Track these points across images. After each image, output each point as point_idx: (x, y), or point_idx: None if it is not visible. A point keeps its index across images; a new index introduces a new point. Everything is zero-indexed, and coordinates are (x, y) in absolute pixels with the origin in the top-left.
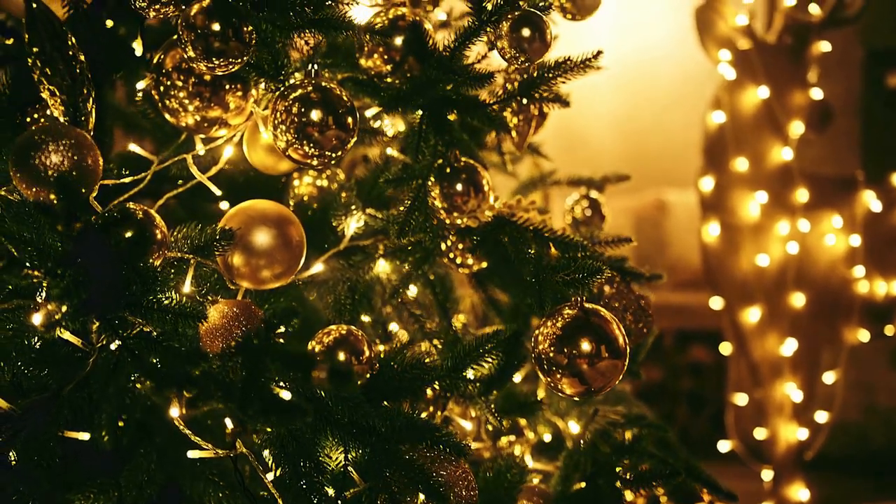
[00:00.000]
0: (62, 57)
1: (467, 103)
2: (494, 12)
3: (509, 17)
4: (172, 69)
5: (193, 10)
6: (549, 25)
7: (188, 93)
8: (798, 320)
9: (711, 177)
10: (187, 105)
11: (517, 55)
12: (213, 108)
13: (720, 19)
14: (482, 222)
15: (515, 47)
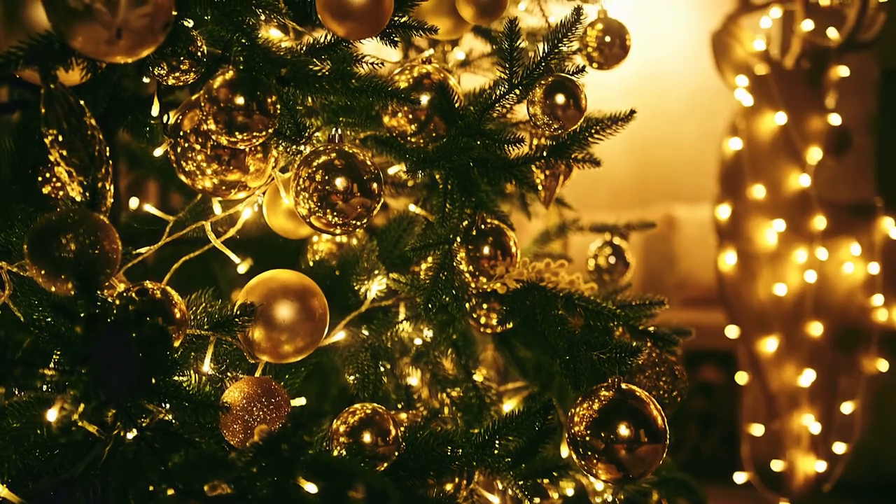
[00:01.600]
0: (80, 137)
1: (496, 164)
2: (526, 76)
3: (542, 84)
4: (190, 131)
5: (216, 83)
6: (583, 90)
7: (206, 156)
8: (816, 350)
9: (728, 204)
10: (205, 168)
11: (550, 122)
12: (233, 171)
13: (737, 44)
14: (510, 289)
15: (549, 114)
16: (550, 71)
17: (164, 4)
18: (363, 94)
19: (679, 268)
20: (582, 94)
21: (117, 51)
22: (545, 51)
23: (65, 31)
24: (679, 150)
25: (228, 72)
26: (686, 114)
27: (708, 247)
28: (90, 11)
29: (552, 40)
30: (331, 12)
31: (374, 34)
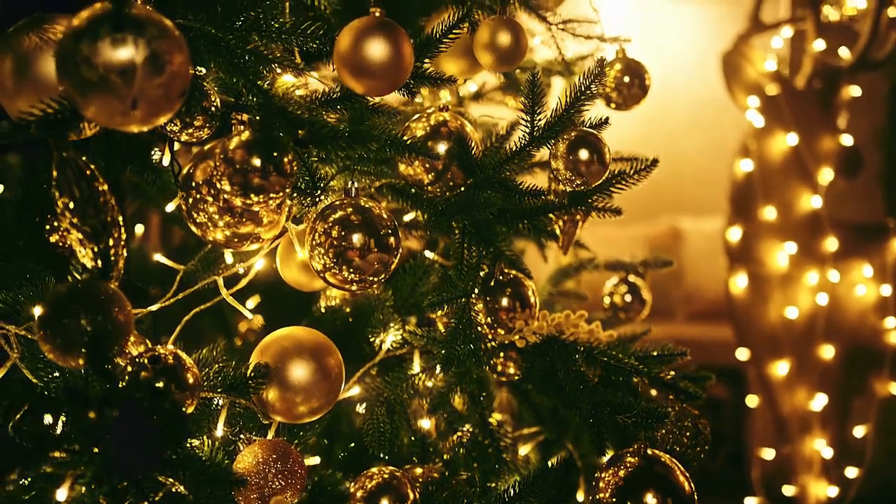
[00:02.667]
0: (92, 204)
1: (515, 214)
2: (548, 129)
3: (565, 138)
4: (203, 182)
5: (232, 144)
6: (606, 145)
7: (219, 208)
8: (827, 373)
9: (739, 226)
10: (217, 220)
11: (573, 178)
12: (245, 223)
13: (748, 64)
14: (529, 343)
15: (572, 170)
16: (573, 124)
17: (181, 72)
18: (381, 149)
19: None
20: (605, 149)
21: (132, 121)
22: (568, 102)
23: (77, 101)
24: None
25: (244, 132)
26: (692, 126)
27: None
28: (105, 82)
29: (575, 93)
30: (349, 70)
31: (393, 90)
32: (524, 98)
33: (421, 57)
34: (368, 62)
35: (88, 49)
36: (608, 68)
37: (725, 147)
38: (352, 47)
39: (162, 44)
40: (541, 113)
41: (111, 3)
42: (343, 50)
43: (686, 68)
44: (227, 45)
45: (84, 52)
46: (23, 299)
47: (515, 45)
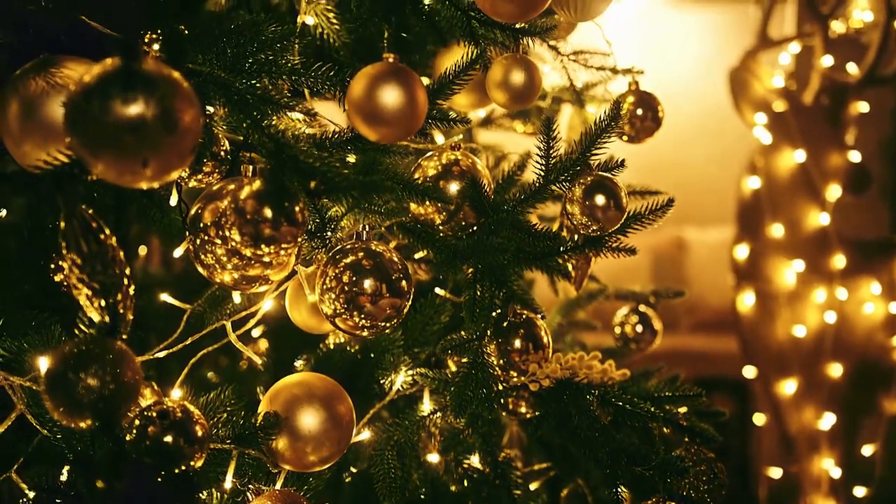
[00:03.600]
0: (100, 260)
1: (528, 255)
2: (564, 171)
3: (582, 183)
4: (211, 224)
5: (243, 194)
6: (622, 188)
7: (227, 250)
8: (835, 391)
9: (746, 244)
10: (225, 263)
11: (589, 223)
12: (254, 265)
13: (755, 81)
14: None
15: (588, 215)
16: (588, 167)
17: (193, 127)
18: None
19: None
20: (622, 194)
21: (142, 179)
22: (584, 145)
23: (86, 158)
24: (689, 172)
25: (255, 182)
26: (697, 135)
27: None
28: (115, 141)
29: (591, 136)
30: (362, 117)
31: (407, 137)
32: (538, 141)
33: (434, 99)
34: (382, 110)
35: (99, 107)
36: (621, 101)
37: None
38: (365, 94)
39: (173, 100)
40: (555, 156)
41: (121, 59)
42: (356, 97)
43: (691, 78)
44: (236, 91)
45: (94, 110)
46: (27, 347)
47: (529, 84)
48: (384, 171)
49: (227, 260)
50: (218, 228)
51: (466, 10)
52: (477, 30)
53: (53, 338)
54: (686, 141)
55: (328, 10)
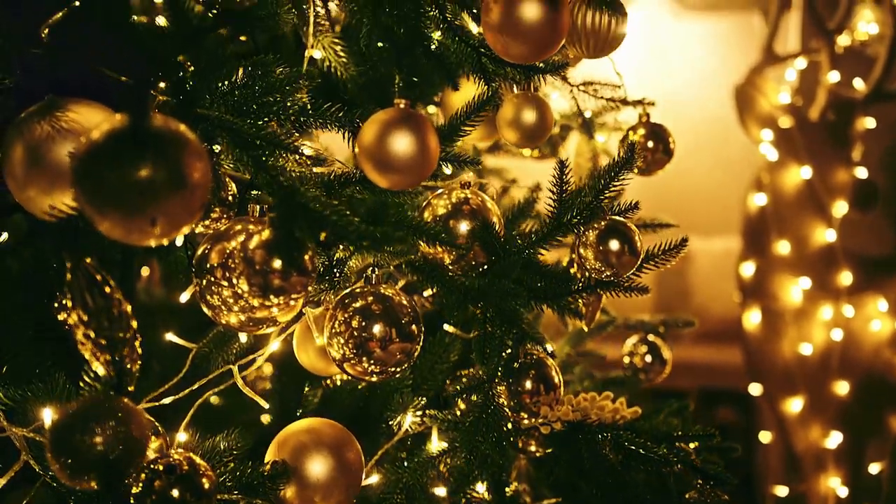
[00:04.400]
0: (106, 315)
1: (540, 296)
2: (578, 215)
3: (595, 227)
4: (218, 265)
5: (253, 244)
6: (637, 232)
7: (233, 292)
8: (842, 409)
9: (752, 261)
10: (232, 305)
11: (602, 269)
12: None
13: (761, 97)
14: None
15: (602, 260)
16: (602, 210)
17: (202, 184)
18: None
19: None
20: (636, 238)
21: (150, 237)
22: (597, 188)
23: (93, 217)
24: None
25: (264, 231)
26: (700, 145)
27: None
28: (123, 202)
29: (604, 179)
30: (373, 164)
31: (419, 183)
32: (551, 184)
33: (446, 141)
34: (393, 157)
35: (107, 167)
36: (631, 132)
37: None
38: (376, 141)
39: (182, 158)
40: (568, 200)
41: (130, 117)
42: (367, 143)
43: (695, 86)
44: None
45: (102, 170)
46: (31, 396)
47: (541, 123)
48: (394, 213)
49: (234, 302)
50: (224, 270)
51: (477, 46)
52: (487, 67)
53: (57, 387)
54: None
55: (335, 42)
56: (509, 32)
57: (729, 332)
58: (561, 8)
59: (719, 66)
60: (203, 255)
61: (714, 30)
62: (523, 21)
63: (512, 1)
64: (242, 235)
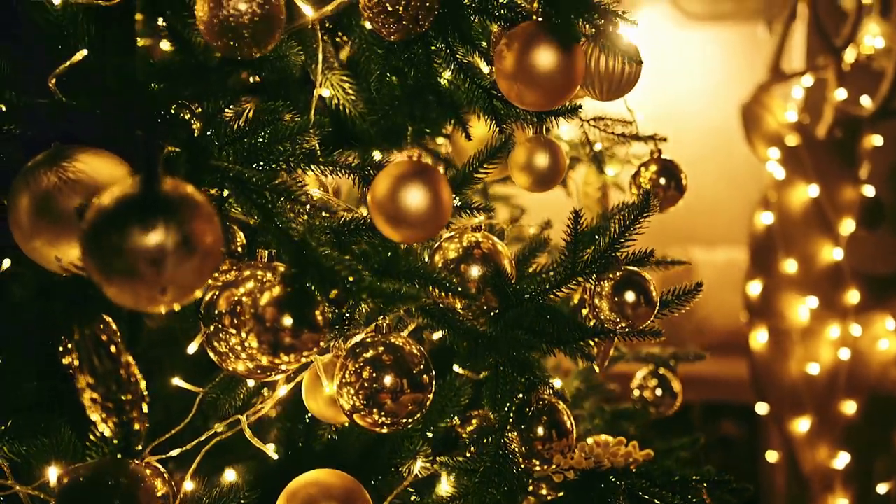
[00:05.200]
0: (114, 378)
1: (552, 340)
2: (591, 264)
3: (611, 277)
4: (226, 312)
5: (263, 300)
6: (652, 282)
7: (241, 340)
8: (850, 429)
9: (759, 281)
10: (239, 352)
11: (618, 320)
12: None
13: (768, 115)
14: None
15: (617, 312)
16: (617, 260)
17: (214, 250)
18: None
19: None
20: (653, 288)
21: (159, 304)
22: (613, 237)
23: (102, 285)
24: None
25: (275, 287)
26: (704, 155)
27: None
28: (133, 272)
29: (620, 228)
30: (385, 218)
31: (433, 236)
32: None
33: (459, 190)
34: (406, 212)
35: (117, 236)
36: (643, 168)
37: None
38: (388, 195)
39: (194, 224)
40: (582, 251)
41: (141, 182)
42: (379, 197)
43: (700, 97)
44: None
45: (112, 239)
46: (35, 451)
47: (554, 167)
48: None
49: (242, 349)
50: (233, 317)
51: (489, 88)
52: (499, 109)
53: (62, 442)
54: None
55: (344, 80)
56: (523, 80)
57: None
58: (576, 55)
59: (723, 76)
60: (211, 302)
61: (718, 40)
62: (538, 69)
63: (526, 48)
64: (251, 282)
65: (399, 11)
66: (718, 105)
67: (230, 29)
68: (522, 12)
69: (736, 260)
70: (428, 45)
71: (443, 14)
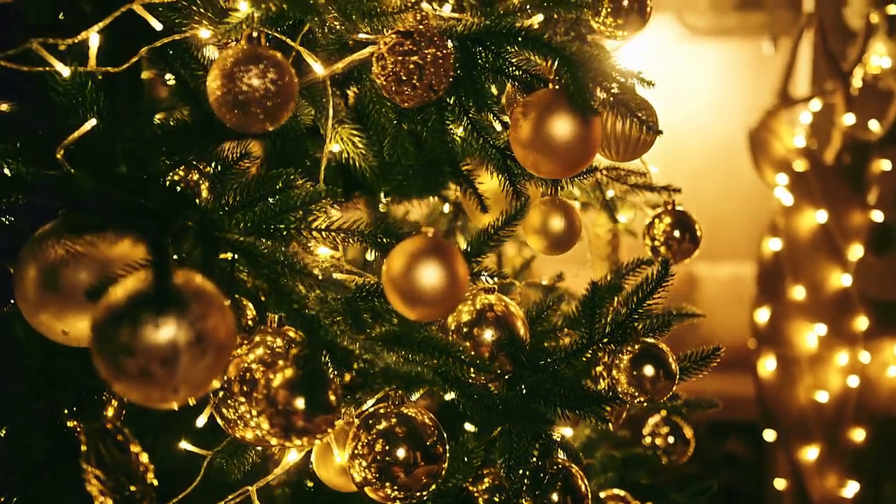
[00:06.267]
0: (124, 472)
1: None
2: (608, 335)
3: (629, 350)
4: (235, 378)
5: (276, 382)
6: (671, 354)
7: (249, 408)
8: (859, 457)
9: (767, 308)
10: (248, 420)
11: (636, 394)
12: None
13: (776, 140)
14: None
15: (636, 386)
16: (635, 333)
17: (227, 345)
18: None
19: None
20: (671, 360)
21: (170, 401)
22: (631, 307)
23: (111, 383)
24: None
25: (287, 368)
26: (708, 170)
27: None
28: (145, 373)
29: (637, 299)
30: (401, 296)
31: (448, 315)
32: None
33: (472, 258)
34: (422, 290)
35: (128, 336)
36: (657, 220)
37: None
38: (403, 273)
39: (207, 322)
40: (599, 322)
41: (153, 276)
42: (394, 274)
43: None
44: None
45: (123, 338)
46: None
47: (569, 230)
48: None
49: (251, 417)
50: (242, 384)
51: (502, 148)
52: (513, 168)
53: None
54: (698, 175)
55: (354, 133)
56: (540, 150)
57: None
58: (593, 124)
59: (728, 91)
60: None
61: (723, 55)
62: (555, 139)
63: (543, 117)
64: (261, 348)
65: (413, 80)
66: (723, 120)
67: (242, 104)
68: (538, 74)
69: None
70: (441, 106)
71: (457, 75)
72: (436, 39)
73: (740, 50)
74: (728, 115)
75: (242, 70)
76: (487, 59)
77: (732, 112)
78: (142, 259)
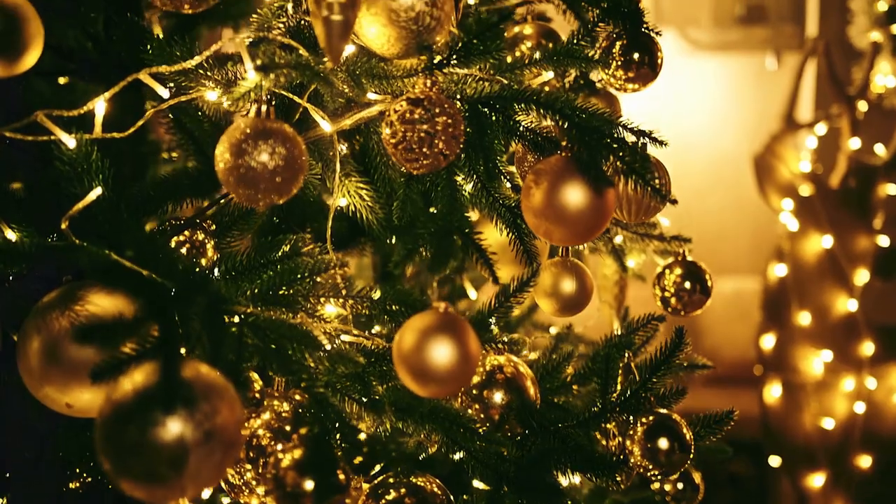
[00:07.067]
0: None
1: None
2: (622, 404)
3: (643, 422)
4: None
5: (285, 462)
6: (685, 425)
7: (256, 475)
8: (865, 485)
9: (773, 334)
10: (254, 487)
11: (650, 468)
12: None
13: (781, 165)
14: None
15: (650, 459)
16: (648, 404)
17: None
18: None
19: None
20: (686, 432)
21: (177, 499)
22: (646, 377)
23: (116, 481)
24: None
25: (296, 450)
26: (711, 185)
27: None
28: (153, 475)
29: (650, 368)
30: (412, 373)
31: (459, 392)
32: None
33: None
34: (433, 369)
35: (135, 433)
36: (668, 271)
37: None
38: (414, 350)
39: (217, 419)
40: (614, 382)
41: (161, 368)
42: (405, 351)
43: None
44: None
45: (130, 436)
46: None
47: (581, 293)
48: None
49: (258, 485)
50: (248, 450)
51: (512, 207)
52: (522, 227)
53: None
54: (701, 190)
55: (361, 187)
56: (552, 219)
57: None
58: (607, 194)
59: (732, 106)
60: None
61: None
62: (568, 208)
63: (555, 186)
64: (268, 413)
65: (424, 149)
66: (726, 134)
67: (251, 180)
68: (549, 136)
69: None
70: (450, 169)
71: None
72: (446, 106)
73: (743, 65)
74: (731, 130)
75: (251, 146)
76: (498, 121)
77: (736, 126)
78: (150, 338)
